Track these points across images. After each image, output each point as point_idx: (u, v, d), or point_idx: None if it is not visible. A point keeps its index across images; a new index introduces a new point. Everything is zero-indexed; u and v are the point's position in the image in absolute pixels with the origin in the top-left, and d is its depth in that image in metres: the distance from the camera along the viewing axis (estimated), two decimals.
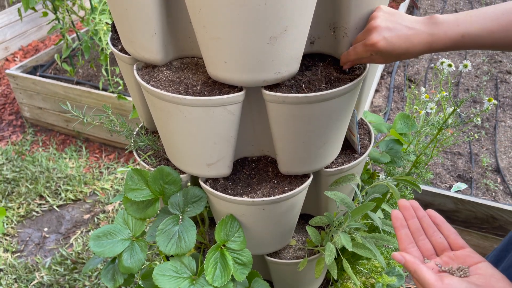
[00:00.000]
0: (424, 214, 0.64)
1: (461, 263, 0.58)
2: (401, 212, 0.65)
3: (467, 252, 0.59)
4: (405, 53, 0.69)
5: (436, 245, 0.62)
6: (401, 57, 0.70)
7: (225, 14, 0.65)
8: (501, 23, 0.64)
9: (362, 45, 0.73)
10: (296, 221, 0.96)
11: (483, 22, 0.64)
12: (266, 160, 0.96)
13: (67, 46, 2.27)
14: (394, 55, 0.70)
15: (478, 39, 0.65)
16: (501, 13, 0.64)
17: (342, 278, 1.08)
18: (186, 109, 0.76)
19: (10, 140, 2.47)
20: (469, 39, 0.65)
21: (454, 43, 0.66)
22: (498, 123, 2.27)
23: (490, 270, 0.56)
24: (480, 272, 0.56)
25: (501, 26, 0.64)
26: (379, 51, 0.70)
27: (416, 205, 0.65)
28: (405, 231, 0.63)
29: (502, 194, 1.87)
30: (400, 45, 0.68)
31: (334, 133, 0.84)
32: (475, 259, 0.58)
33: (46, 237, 1.92)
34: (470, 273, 0.56)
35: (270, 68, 0.72)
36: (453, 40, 0.66)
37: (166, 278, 0.83)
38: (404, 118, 1.11)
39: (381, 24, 0.70)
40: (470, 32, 0.65)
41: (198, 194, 0.89)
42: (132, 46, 0.83)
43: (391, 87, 2.56)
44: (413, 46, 0.68)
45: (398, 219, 0.64)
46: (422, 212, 0.65)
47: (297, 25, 0.69)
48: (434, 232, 0.63)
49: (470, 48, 0.67)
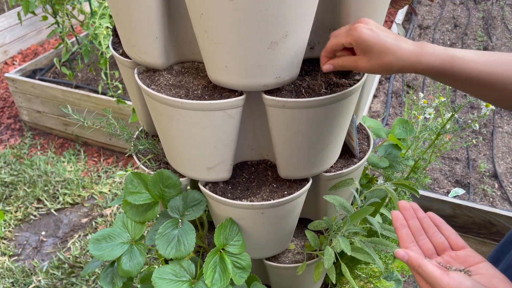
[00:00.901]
0: (424, 215, 0.65)
1: (462, 262, 0.58)
2: (401, 213, 0.65)
3: (468, 252, 0.59)
4: (391, 52, 0.64)
5: (436, 245, 0.62)
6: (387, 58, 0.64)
7: (227, 19, 0.66)
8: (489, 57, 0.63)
9: (345, 29, 0.68)
10: (295, 225, 0.97)
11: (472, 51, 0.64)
12: (265, 164, 0.97)
13: (67, 50, 2.28)
14: (377, 50, 0.64)
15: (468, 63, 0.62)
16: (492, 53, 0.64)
17: (340, 282, 1.08)
18: (187, 113, 0.76)
19: (9, 144, 2.47)
20: (458, 61, 0.62)
21: (442, 63, 0.63)
22: (495, 128, 2.29)
23: (492, 270, 0.56)
24: (482, 272, 0.56)
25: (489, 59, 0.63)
26: (360, 38, 0.65)
27: (416, 207, 0.66)
28: (406, 230, 0.63)
29: (500, 200, 1.88)
30: (386, 41, 0.64)
31: (334, 138, 0.85)
32: (476, 259, 0.58)
33: (43, 240, 1.92)
34: (472, 273, 0.56)
35: (271, 73, 0.73)
36: (441, 59, 0.63)
37: (165, 281, 0.83)
38: (402, 123, 1.12)
39: (372, 21, 0.67)
40: (459, 54, 0.63)
41: (198, 197, 0.90)
42: (133, 50, 0.83)
43: (389, 93, 2.57)
44: (400, 50, 0.63)
45: (398, 219, 0.64)
46: (422, 213, 0.65)
47: (297, 30, 0.70)
48: (434, 232, 0.63)
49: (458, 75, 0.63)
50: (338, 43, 0.69)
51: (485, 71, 0.62)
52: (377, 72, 0.67)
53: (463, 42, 3.11)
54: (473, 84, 0.64)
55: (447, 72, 0.63)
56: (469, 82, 0.64)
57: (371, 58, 0.66)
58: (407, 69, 0.65)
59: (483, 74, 0.63)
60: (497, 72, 0.62)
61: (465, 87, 0.65)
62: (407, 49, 0.64)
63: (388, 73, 0.67)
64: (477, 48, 3.02)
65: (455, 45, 3.08)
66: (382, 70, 0.66)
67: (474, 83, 0.63)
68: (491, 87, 0.63)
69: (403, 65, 0.64)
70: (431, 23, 3.44)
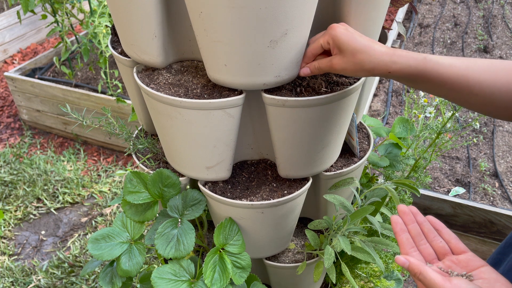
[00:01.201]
0: (424, 220, 0.64)
1: (464, 267, 0.58)
2: (401, 217, 0.65)
3: (469, 256, 0.59)
4: (362, 53, 0.65)
5: (437, 249, 0.61)
6: (358, 58, 0.66)
7: (226, 17, 0.65)
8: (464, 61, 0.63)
9: (323, 32, 0.72)
10: (295, 225, 0.96)
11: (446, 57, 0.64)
12: (265, 163, 0.96)
13: (66, 49, 2.27)
14: (350, 50, 0.66)
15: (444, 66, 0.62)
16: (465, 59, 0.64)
17: (340, 281, 1.08)
18: (186, 112, 0.76)
19: (8, 143, 2.46)
20: (433, 64, 0.62)
21: (416, 63, 0.63)
22: (496, 127, 2.28)
23: (494, 274, 0.55)
24: (484, 276, 0.55)
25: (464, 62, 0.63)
26: (337, 36, 0.67)
27: (415, 211, 0.65)
28: (406, 235, 0.63)
29: (500, 199, 1.87)
30: (359, 40, 0.66)
31: (334, 137, 0.85)
32: (477, 263, 0.58)
33: (43, 240, 1.91)
34: (474, 277, 0.56)
35: (270, 72, 0.72)
36: (415, 60, 0.63)
37: (164, 281, 0.83)
38: (403, 122, 1.11)
39: (350, 27, 0.69)
40: (433, 58, 0.63)
41: (197, 197, 0.89)
42: (132, 49, 0.83)
43: (390, 91, 2.57)
44: (374, 50, 0.65)
45: (398, 224, 0.64)
46: (422, 218, 0.64)
47: (297, 29, 0.69)
48: (435, 237, 0.62)
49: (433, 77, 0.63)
50: (317, 45, 0.72)
51: (461, 74, 0.62)
52: (350, 72, 0.68)
53: (463, 41, 3.10)
54: (449, 88, 0.64)
55: (422, 74, 0.63)
56: (445, 86, 0.64)
57: (344, 56, 0.67)
58: (381, 68, 0.65)
59: (459, 77, 0.62)
60: (473, 76, 0.62)
61: (441, 91, 0.65)
62: (380, 50, 0.65)
63: (361, 73, 0.68)
64: (477, 47, 3.01)
65: (456, 44, 3.08)
66: (355, 69, 0.67)
67: (449, 87, 0.63)
68: (467, 91, 0.63)
69: (376, 63, 0.65)
70: (432, 21, 3.44)
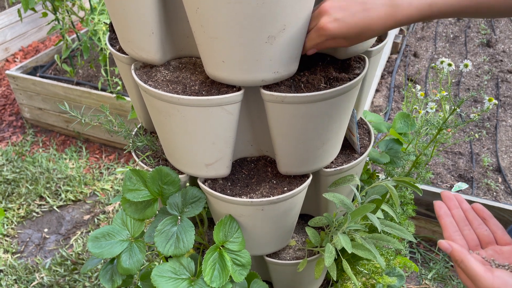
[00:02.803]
0: (469, 207, 0.62)
1: (507, 258, 0.56)
2: (444, 203, 0.63)
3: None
4: (367, 30, 0.63)
5: (481, 237, 0.59)
6: (366, 35, 0.64)
7: (223, 13, 0.65)
8: None
9: (314, 31, 0.67)
10: (295, 222, 0.96)
11: None
12: (265, 160, 0.96)
13: (67, 47, 2.27)
14: (353, 35, 0.64)
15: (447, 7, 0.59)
16: None
17: (342, 278, 1.08)
18: (184, 109, 0.75)
19: (10, 141, 2.47)
20: (437, 9, 0.60)
21: (420, 14, 0.60)
22: (499, 122, 2.27)
23: None
24: None
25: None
26: (332, 34, 0.64)
27: (460, 198, 0.63)
28: (450, 219, 0.61)
29: (503, 194, 1.86)
30: (356, 23, 0.62)
31: (334, 133, 0.84)
32: None
33: (46, 238, 1.92)
34: None
35: (269, 68, 0.72)
36: (419, 10, 0.60)
37: (164, 279, 0.82)
38: (404, 117, 1.10)
39: (333, 3, 0.64)
40: (437, 1, 0.60)
41: (197, 194, 0.89)
42: (130, 46, 0.82)
43: (392, 87, 2.55)
44: (373, 21, 0.62)
45: (441, 208, 0.62)
46: (467, 205, 0.63)
47: (295, 24, 0.68)
48: (479, 225, 0.60)
49: (437, 18, 0.62)
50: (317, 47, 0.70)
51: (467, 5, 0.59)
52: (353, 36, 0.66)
53: (466, 35, 3.08)
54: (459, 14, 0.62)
55: (426, 18, 0.62)
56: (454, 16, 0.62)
57: (350, 40, 0.66)
58: (385, 31, 0.64)
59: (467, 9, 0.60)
60: None
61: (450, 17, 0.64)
62: (380, 17, 0.62)
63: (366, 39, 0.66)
64: (480, 41, 2.98)
65: (458, 38, 3.05)
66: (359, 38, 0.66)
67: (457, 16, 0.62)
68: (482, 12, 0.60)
69: (381, 30, 0.63)
70: None
